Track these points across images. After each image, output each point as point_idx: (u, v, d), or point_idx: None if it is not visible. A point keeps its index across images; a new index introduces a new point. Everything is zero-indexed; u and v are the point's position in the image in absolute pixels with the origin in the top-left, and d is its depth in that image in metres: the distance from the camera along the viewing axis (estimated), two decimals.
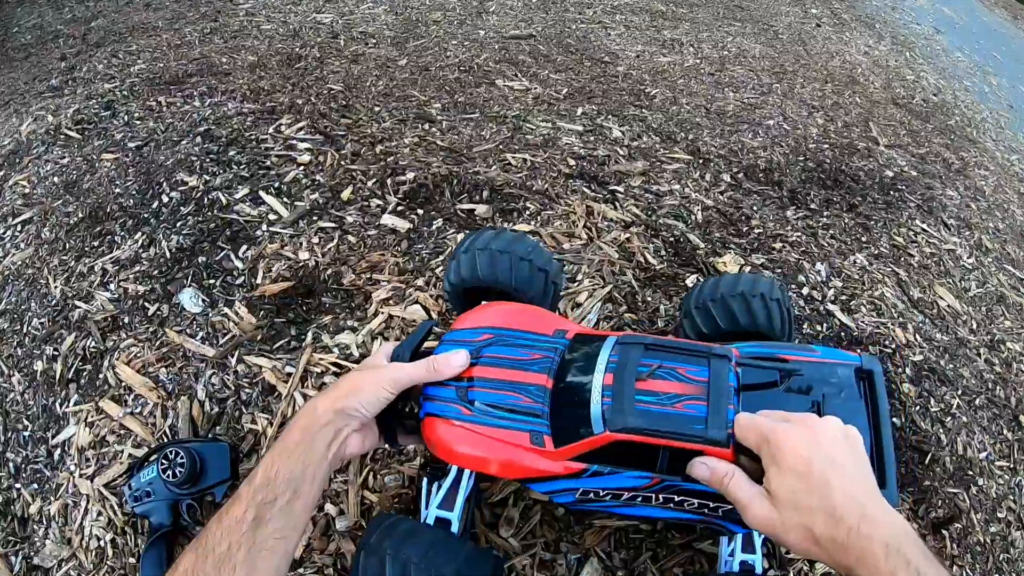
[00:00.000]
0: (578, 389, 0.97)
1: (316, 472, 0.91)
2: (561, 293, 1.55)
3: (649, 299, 1.65)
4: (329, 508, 1.26)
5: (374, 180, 1.97)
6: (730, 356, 0.97)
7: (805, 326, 1.70)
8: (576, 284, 1.64)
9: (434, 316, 1.56)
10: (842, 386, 0.98)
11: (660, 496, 0.97)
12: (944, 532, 1.44)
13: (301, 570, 1.20)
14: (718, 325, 1.24)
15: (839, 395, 0.97)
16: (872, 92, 3.56)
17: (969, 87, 4.41)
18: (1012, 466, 1.66)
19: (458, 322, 1.15)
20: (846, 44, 4.19)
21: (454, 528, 1.05)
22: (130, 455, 1.37)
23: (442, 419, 1.01)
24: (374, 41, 3.22)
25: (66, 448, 1.44)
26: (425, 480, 1.13)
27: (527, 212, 1.89)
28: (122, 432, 1.42)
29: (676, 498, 0.97)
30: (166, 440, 1.38)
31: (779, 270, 1.85)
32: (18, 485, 1.44)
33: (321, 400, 0.95)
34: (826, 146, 2.78)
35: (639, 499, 0.99)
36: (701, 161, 2.42)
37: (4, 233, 2.01)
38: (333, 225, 1.81)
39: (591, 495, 1.01)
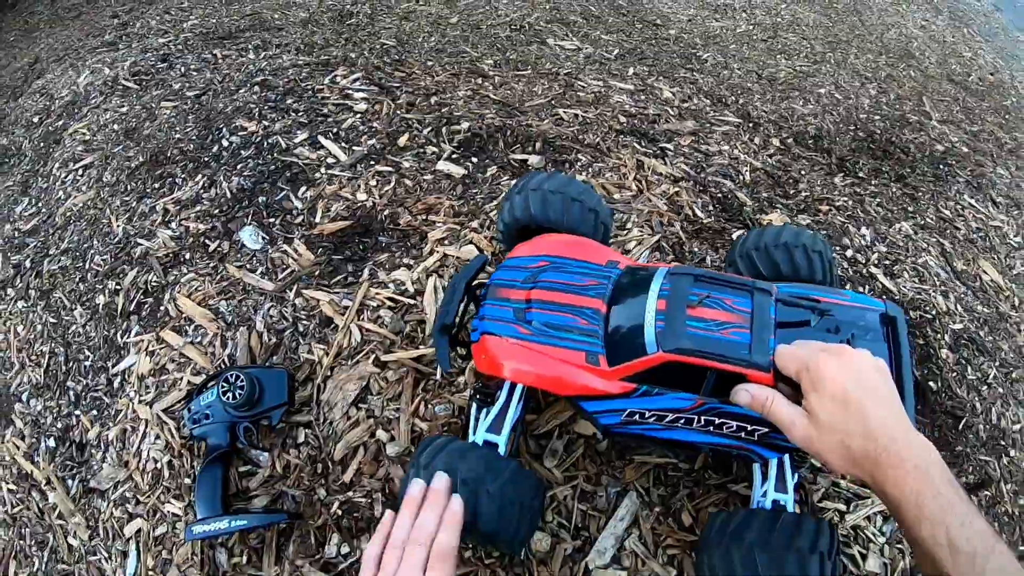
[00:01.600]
0: (632, 313, 1.04)
1: None
2: (611, 238, 1.60)
3: (696, 249, 1.67)
4: (380, 435, 1.31)
5: (429, 128, 2.01)
6: (771, 291, 1.03)
7: (847, 287, 1.71)
8: (626, 232, 1.67)
9: (487, 256, 1.58)
10: (868, 328, 1.03)
11: (702, 418, 1.03)
12: (974, 497, 1.46)
13: (350, 493, 1.25)
14: (762, 274, 1.28)
15: (865, 336, 1.02)
16: (927, 67, 3.50)
17: None
18: None
19: (516, 250, 1.22)
20: (902, 17, 4.10)
21: (500, 451, 1.10)
22: (189, 382, 1.43)
23: (498, 337, 1.07)
24: None
25: (126, 376, 1.51)
26: (474, 406, 1.18)
27: (579, 164, 1.91)
28: (182, 360, 1.48)
29: (716, 420, 1.03)
30: (223, 368, 1.43)
31: (824, 231, 1.86)
32: (77, 412, 1.52)
33: None
34: (877, 117, 2.75)
35: (681, 421, 1.05)
36: (751, 125, 2.42)
37: (66, 177, 2.09)
38: (390, 169, 1.85)
39: (636, 416, 1.06)
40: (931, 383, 1.60)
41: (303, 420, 1.35)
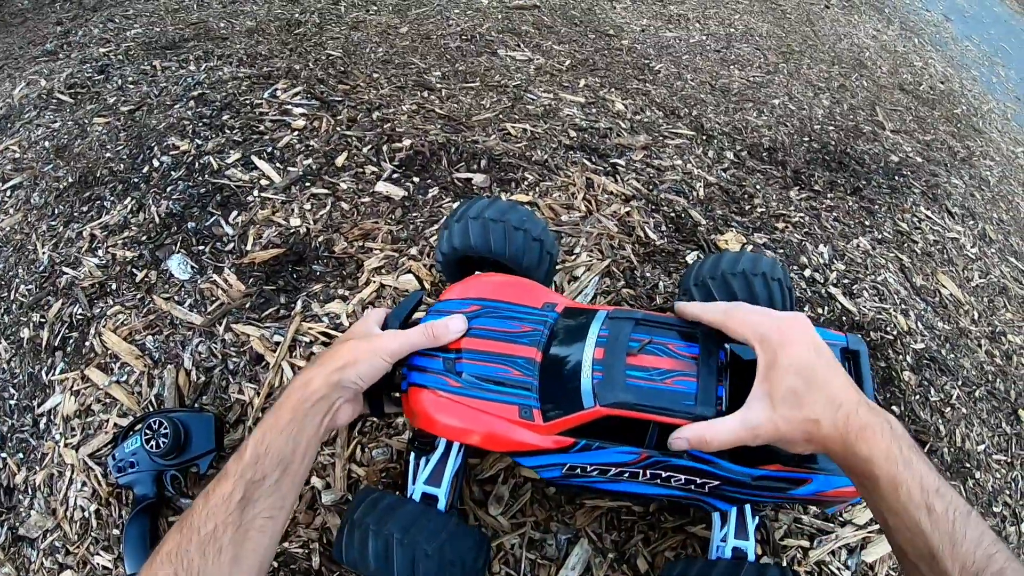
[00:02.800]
0: (568, 363, 0.96)
1: (307, 449, 0.89)
2: (557, 266, 1.52)
3: (648, 275, 1.61)
4: (315, 481, 1.23)
5: (370, 147, 1.93)
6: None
7: (806, 308, 1.67)
8: (573, 258, 1.61)
9: (426, 286, 1.52)
10: None
11: (647, 472, 0.96)
12: None
13: (286, 544, 1.18)
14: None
15: None
16: (879, 76, 3.51)
17: (977, 76, 4.36)
18: (1009, 460, 1.64)
19: (446, 293, 1.13)
20: (854, 27, 4.13)
21: (440, 504, 1.03)
22: (115, 424, 1.35)
23: (427, 389, 0.99)
24: (375, 8, 3.15)
25: (51, 417, 1.42)
26: (413, 455, 1.10)
27: (525, 182, 1.84)
28: (107, 401, 1.39)
29: (663, 474, 0.96)
30: (151, 410, 1.35)
31: (781, 250, 1.82)
32: (4, 454, 1.42)
33: (315, 373, 0.93)
34: (831, 128, 2.73)
35: (626, 475, 0.98)
36: (704, 138, 2.37)
37: None
38: (326, 191, 1.77)
39: (578, 470, 0.99)
40: (894, 407, 1.56)
41: None
